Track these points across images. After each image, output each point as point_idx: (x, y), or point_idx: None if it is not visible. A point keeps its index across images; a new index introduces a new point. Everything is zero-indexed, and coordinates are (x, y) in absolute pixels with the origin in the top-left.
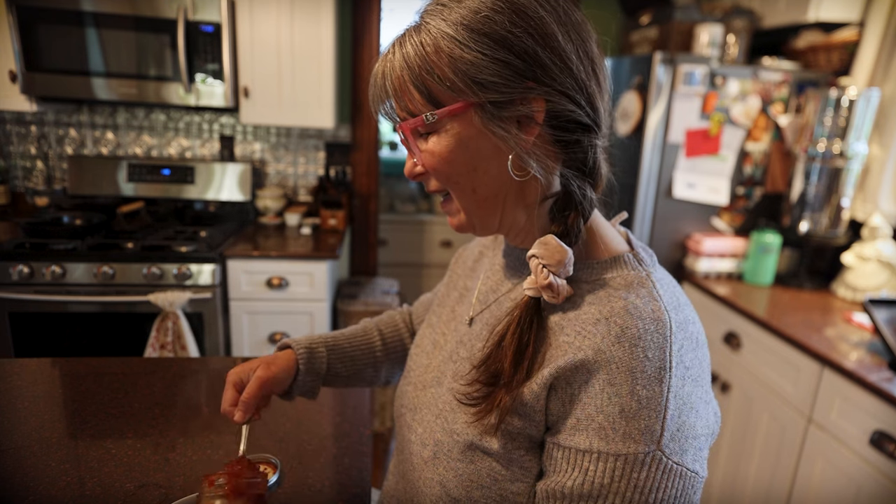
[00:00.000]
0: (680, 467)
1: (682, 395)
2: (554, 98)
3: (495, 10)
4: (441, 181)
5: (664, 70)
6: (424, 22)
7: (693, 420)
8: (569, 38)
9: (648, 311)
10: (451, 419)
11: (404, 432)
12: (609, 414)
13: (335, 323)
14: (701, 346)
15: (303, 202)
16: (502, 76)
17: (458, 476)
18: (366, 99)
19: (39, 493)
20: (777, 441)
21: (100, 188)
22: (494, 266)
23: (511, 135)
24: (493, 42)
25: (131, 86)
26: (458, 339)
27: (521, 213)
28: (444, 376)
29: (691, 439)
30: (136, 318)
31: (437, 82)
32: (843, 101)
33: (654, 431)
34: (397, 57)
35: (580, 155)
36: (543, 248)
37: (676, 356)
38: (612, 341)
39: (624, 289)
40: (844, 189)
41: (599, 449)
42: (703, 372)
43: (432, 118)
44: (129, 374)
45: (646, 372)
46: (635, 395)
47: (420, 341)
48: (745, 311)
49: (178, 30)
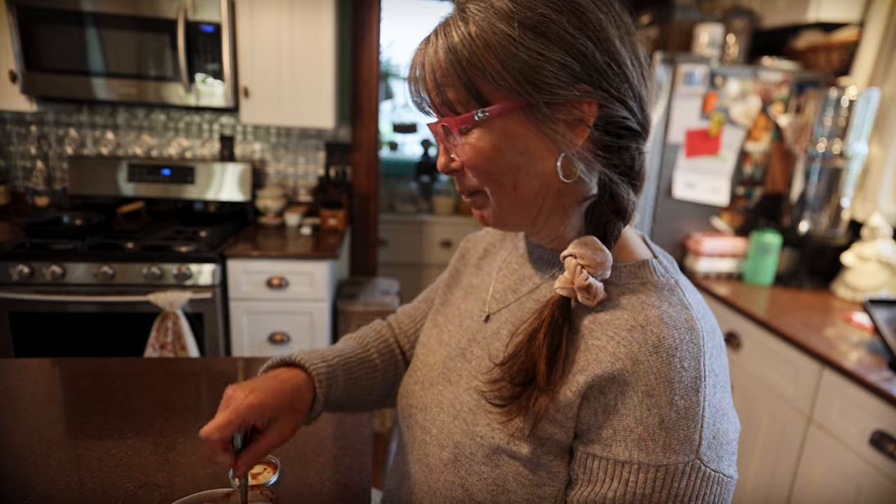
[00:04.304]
0: (717, 474)
1: (714, 403)
2: (608, 103)
3: (554, 9)
4: (480, 178)
5: (664, 70)
6: (471, 11)
7: (725, 426)
8: (623, 43)
9: (682, 320)
10: (472, 421)
11: (415, 432)
12: (649, 425)
13: (335, 323)
14: (723, 352)
15: (303, 202)
16: (558, 78)
17: (483, 480)
18: (366, 99)
19: (39, 493)
20: (777, 441)
21: (100, 188)
22: (511, 265)
23: (562, 137)
24: (550, 42)
25: (131, 86)
26: (470, 337)
27: (556, 214)
28: (457, 375)
29: (725, 445)
30: (136, 318)
31: (487, 79)
32: (843, 101)
33: (692, 441)
34: (441, 47)
35: (627, 160)
36: (584, 248)
37: (709, 365)
38: (649, 351)
39: (655, 296)
40: (844, 189)
41: (640, 460)
42: (727, 377)
43: (483, 115)
44: (129, 374)
45: (683, 382)
46: (674, 405)
47: (426, 340)
48: (745, 311)
49: (178, 30)
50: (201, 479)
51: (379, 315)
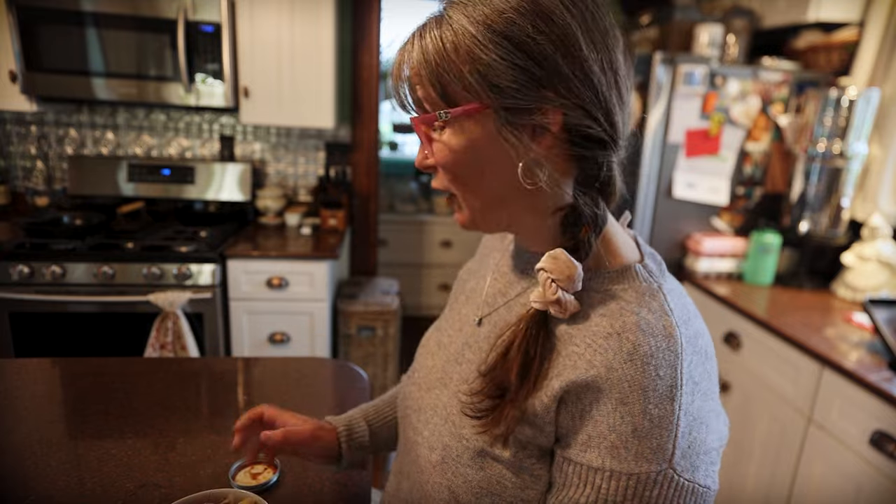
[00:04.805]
0: (691, 484)
1: (692, 412)
2: (571, 111)
3: (519, 12)
4: (448, 178)
5: (664, 70)
6: (447, 15)
7: (703, 435)
8: (593, 48)
9: (660, 327)
10: (459, 423)
11: (409, 434)
12: (622, 433)
13: (335, 323)
14: (710, 359)
15: (303, 202)
16: (518, 82)
17: (468, 482)
18: (366, 99)
19: (39, 493)
20: (777, 441)
21: (100, 188)
22: (502, 268)
23: (522, 143)
24: (512, 45)
25: (131, 86)
26: (464, 341)
27: (529, 219)
28: (450, 378)
29: (702, 455)
30: (136, 318)
31: (453, 80)
32: (843, 101)
33: (665, 450)
34: (416, 49)
35: (594, 170)
36: (553, 262)
37: (687, 373)
38: (623, 359)
39: (636, 302)
40: (844, 189)
41: (612, 468)
42: (711, 385)
43: (445, 116)
44: (129, 374)
45: (657, 390)
46: (647, 414)
47: (426, 342)
48: (745, 311)
49: (178, 30)
50: (201, 479)
51: (379, 315)
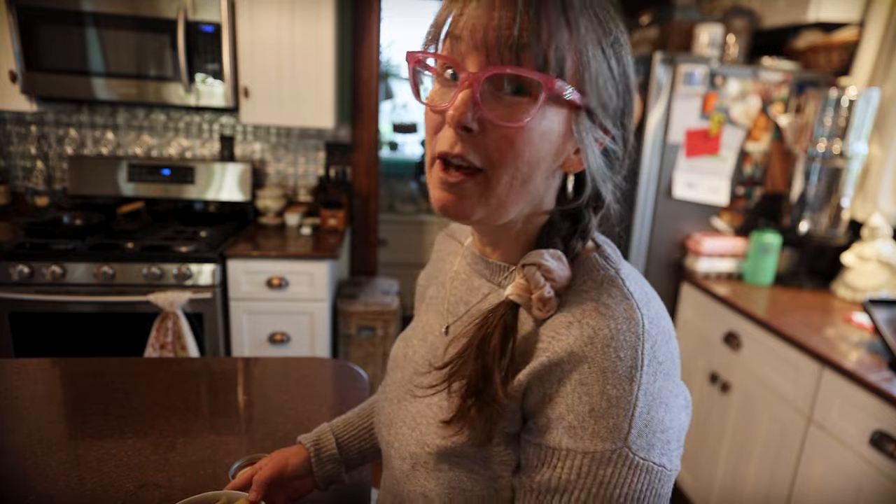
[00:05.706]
0: (646, 462)
1: (652, 392)
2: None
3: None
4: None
5: (664, 70)
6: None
7: (662, 415)
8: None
9: (620, 310)
10: (425, 431)
11: (385, 448)
12: (579, 413)
13: (335, 323)
14: (672, 338)
15: (303, 202)
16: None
17: (440, 484)
18: (366, 99)
19: (39, 493)
20: (777, 441)
21: (100, 188)
22: (461, 275)
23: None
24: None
25: (131, 86)
26: (429, 350)
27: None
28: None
29: (659, 433)
30: (136, 318)
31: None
32: (843, 101)
33: (621, 429)
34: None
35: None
36: (554, 262)
37: (649, 353)
38: (584, 342)
39: (595, 290)
40: (844, 189)
41: (568, 447)
42: (674, 364)
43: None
44: (129, 374)
45: (617, 372)
46: (605, 394)
47: (395, 355)
48: (745, 311)
49: (178, 30)
50: (201, 479)
51: (379, 315)
